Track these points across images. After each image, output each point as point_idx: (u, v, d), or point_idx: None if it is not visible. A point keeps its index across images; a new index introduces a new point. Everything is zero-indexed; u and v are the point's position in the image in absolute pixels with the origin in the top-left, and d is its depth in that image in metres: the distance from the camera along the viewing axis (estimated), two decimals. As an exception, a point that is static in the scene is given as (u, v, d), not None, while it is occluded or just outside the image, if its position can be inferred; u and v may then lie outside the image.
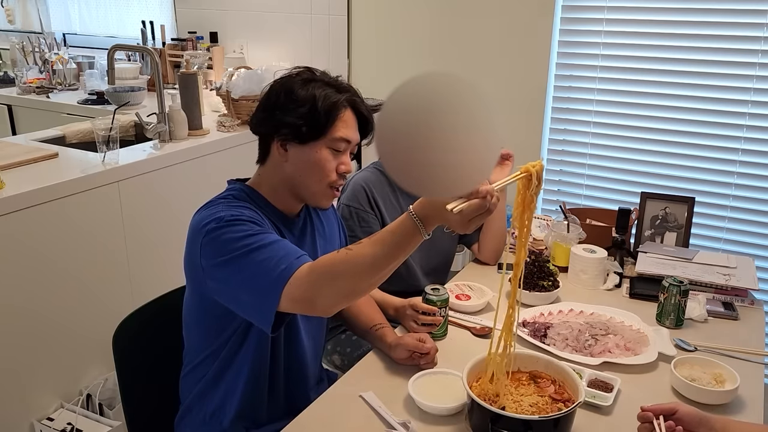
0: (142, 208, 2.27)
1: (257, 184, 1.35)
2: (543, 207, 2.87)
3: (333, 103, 1.28)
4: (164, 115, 2.47)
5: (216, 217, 1.20)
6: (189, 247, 1.25)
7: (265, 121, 1.30)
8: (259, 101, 1.33)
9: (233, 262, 1.16)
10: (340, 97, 1.29)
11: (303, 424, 1.27)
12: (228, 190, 1.34)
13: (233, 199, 1.29)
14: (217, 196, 1.31)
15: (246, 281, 1.15)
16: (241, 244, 1.16)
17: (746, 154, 2.45)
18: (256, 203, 1.31)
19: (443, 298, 1.54)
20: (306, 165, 1.29)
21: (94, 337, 2.11)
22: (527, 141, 2.78)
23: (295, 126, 1.26)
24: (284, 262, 1.13)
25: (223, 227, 1.18)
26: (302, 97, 1.26)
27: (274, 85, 1.31)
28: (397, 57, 3.01)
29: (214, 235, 1.18)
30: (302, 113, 1.26)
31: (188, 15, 3.60)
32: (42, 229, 1.94)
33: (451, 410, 1.27)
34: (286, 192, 1.34)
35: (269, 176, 1.33)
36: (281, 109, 1.27)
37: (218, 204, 1.26)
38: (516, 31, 2.70)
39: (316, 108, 1.26)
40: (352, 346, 1.78)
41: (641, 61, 2.54)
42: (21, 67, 3.58)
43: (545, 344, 1.51)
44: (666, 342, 1.52)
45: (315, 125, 1.27)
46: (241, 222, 1.19)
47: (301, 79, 1.30)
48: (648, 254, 1.91)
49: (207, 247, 1.19)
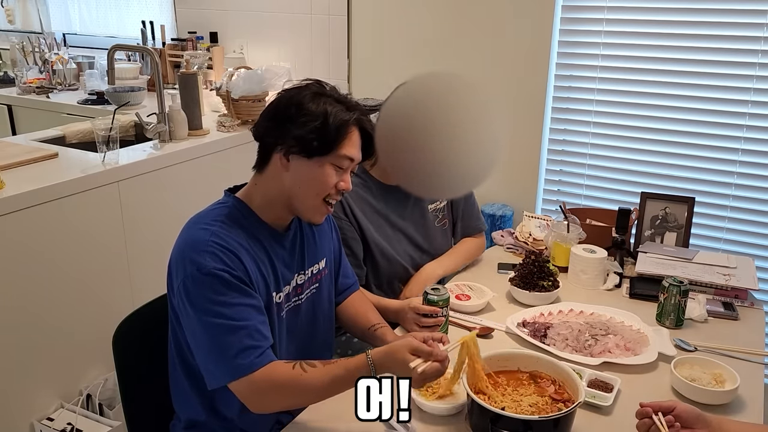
0: (142, 208, 2.27)
1: (249, 196, 1.33)
2: (543, 207, 2.87)
3: (344, 121, 1.27)
4: (164, 115, 2.47)
5: (198, 263, 1.18)
6: (173, 260, 1.25)
7: (272, 131, 1.28)
8: (267, 109, 1.31)
9: (200, 322, 1.18)
10: (350, 116, 1.28)
11: (303, 424, 1.27)
12: (222, 204, 1.32)
13: (225, 221, 1.27)
14: (213, 212, 1.30)
15: (205, 346, 1.19)
16: (214, 312, 1.17)
17: (746, 154, 2.45)
18: (248, 221, 1.30)
19: (444, 298, 1.54)
20: (307, 179, 1.28)
21: (94, 337, 2.11)
22: (527, 141, 2.78)
23: (304, 140, 1.24)
24: (245, 357, 1.16)
25: (202, 281, 1.18)
26: (313, 112, 1.25)
27: (284, 95, 1.30)
28: (397, 57, 3.01)
29: (192, 283, 1.18)
30: (313, 128, 1.24)
31: (188, 15, 3.60)
32: (42, 229, 1.94)
33: (451, 410, 1.27)
34: (279, 204, 1.32)
35: (264, 186, 1.31)
36: (291, 120, 1.25)
37: (210, 228, 1.24)
38: (516, 31, 2.70)
39: (327, 124, 1.25)
40: (354, 348, 1.78)
41: (641, 61, 2.54)
42: (21, 67, 3.58)
43: (545, 344, 1.51)
44: (666, 342, 1.52)
45: (324, 141, 1.25)
46: (221, 282, 1.18)
47: (312, 92, 1.28)
48: (648, 254, 1.91)
49: (183, 288, 1.20)
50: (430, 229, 1.89)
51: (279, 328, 1.34)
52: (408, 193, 1.74)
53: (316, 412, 1.28)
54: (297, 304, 1.40)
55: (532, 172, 2.81)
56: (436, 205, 1.90)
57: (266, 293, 1.28)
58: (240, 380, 1.16)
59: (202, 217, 1.29)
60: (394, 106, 1.45)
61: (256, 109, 2.78)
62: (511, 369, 1.31)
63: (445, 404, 1.27)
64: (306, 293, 1.42)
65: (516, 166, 2.80)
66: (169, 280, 1.27)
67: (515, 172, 2.81)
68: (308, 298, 1.43)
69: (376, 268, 1.78)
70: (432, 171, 1.37)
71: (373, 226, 1.76)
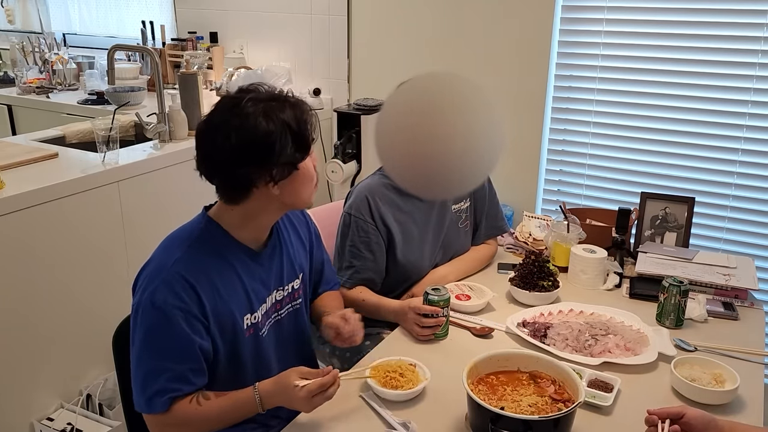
0: (142, 208, 2.27)
1: (221, 216, 1.30)
2: (543, 207, 2.87)
3: (302, 118, 1.24)
4: (164, 115, 2.47)
5: (153, 294, 1.20)
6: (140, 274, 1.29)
7: (252, 173, 1.22)
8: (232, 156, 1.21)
9: (137, 349, 1.22)
10: (296, 110, 1.24)
11: (302, 424, 1.27)
12: (197, 223, 1.31)
13: (195, 244, 1.26)
14: (185, 232, 1.30)
15: (134, 371, 1.23)
16: (150, 347, 1.21)
17: (746, 154, 2.45)
18: (219, 243, 1.29)
19: (445, 298, 1.54)
20: (300, 182, 1.28)
21: (94, 337, 2.11)
22: (527, 141, 2.78)
23: (290, 160, 1.23)
24: (160, 397, 1.20)
25: (150, 313, 1.20)
26: (280, 131, 1.20)
27: (243, 134, 1.19)
28: (397, 57, 3.01)
29: (142, 311, 1.21)
30: (291, 146, 1.22)
31: (188, 15, 3.60)
32: (42, 229, 1.94)
33: (408, 395, 1.31)
34: (260, 221, 1.31)
35: (244, 210, 1.27)
36: (268, 155, 1.20)
37: (175, 254, 1.24)
38: (516, 31, 2.70)
39: (296, 132, 1.23)
40: (351, 350, 1.77)
41: (641, 61, 2.54)
42: (21, 67, 3.58)
43: (545, 344, 1.51)
44: (666, 342, 1.52)
45: (302, 147, 1.25)
46: (166, 319, 1.19)
47: (257, 112, 1.20)
48: (648, 254, 1.91)
49: (135, 310, 1.24)
50: (453, 230, 1.88)
51: (256, 346, 1.35)
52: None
53: (316, 412, 1.28)
54: (277, 319, 1.41)
55: (532, 172, 2.81)
56: (459, 206, 1.89)
57: (231, 320, 1.28)
58: (150, 416, 1.23)
59: (175, 238, 1.30)
60: (393, 106, 1.45)
61: (256, 109, 2.78)
62: (511, 369, 1.31)
63: (403, 392, 1.31)
64: (286, 308, 1.43)
65: (516, 166, 2.80)
66: (132, 294, 1.28)
67: (515, 172, 2.81)
68: (289, 313, 1.43)
69: (398, 269, 1.78)
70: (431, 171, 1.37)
71: (400, 228, 1.75)
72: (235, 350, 1.30)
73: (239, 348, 1.31)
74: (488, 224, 1.97)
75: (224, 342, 1.28)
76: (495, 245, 2.02)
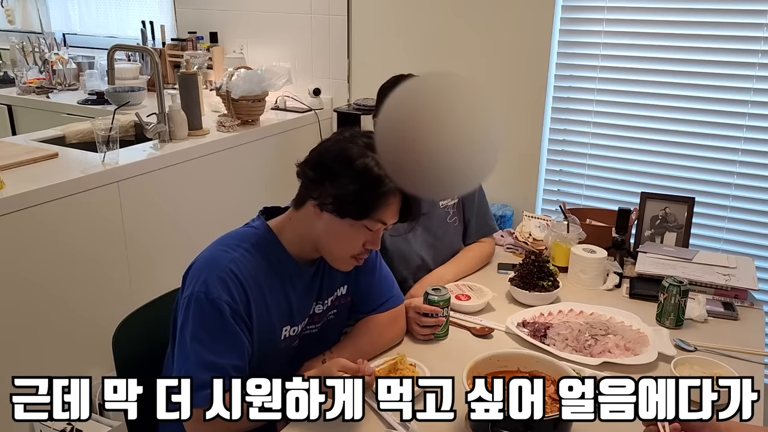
0: (142, 208, 2.27)
1: (281, 229, 1.33)
2: (543, 207, 2.87)
3: (386, 190, 1.22)
4: (164, 115, 2.47)
5: (208, 287, 1.21)
6: (192, 270, 1.27)
7: (312, 180, 1.26)
8: (314, 155, 1.27)
9: (187, 340, 1.22)
10: (392, 187, 1.22)
11: (303, 424, 1.26)
12: (254, 229, 1.33)
13: (250, 249, 1.28)
14: (243, 234, 1.31)
15: (180, 363, 1.23)
16: (201, 339, 1.21)
17: (746, 154, 2.45)
18: (273, 254, 1.31)
19: (445, 299, 1.54)
20: (337, 234, 1.28)
21: (94, 337, 2.11)
22: (527, 141, 2.78)
23: (340, 200, 1.22)
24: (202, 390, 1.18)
25: (204, 306, 1.21)
26: (357, 173, 1.21)
27: (334, 146, 1.25)
28: (397, 57, 3.01)
29: (195, 303, 1.21)
30: (351, 191, 1.21)
31: (188, 15, 3.60)
32: (42, 229, 1.94)
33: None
34: (309, 244, 1.33)
35: (297, 225, 1.32)
36: (332, 177, 1.22)
37: (232, 252, 1.26)
38: (516, 30, 2.70)
39: (368, 190, 1.21)
40: None
41: (641, 61, 2.54)
42: (21, 67, 3.58)
43: (545, 344, 1.51)
44: (666, 342, 1.52)
45: (361, 207, 1.23)
46: (219, 313, 1.21)
47: (360, 146, 1.22)
48: (648, 254, 1.91)
49: (187, 302, 1.23)
50: (443, 224, 1.89)
51: (284, 356, 1.36)
52: None
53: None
54: (313, 331, 1.42)
55: (532, 172, 2.81)
56: (447, 201, 1.90)
57: (269, 328, 1.30)
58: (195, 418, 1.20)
59: (232, 237, 1.31)
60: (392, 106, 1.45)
61: (256, 109, 2.78)
62: (511, 369, 1.31)
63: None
64: (322, 320, 1.44)
65: (516, 166, 2.80)
66: (182, 285, 1.29)
67: (515, 172, 2.81)
68: (322, 324, 1.44)
69: (386, 258, 1.78)
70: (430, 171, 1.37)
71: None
72: (264, 357, 1.31)
73: (268, 356, 1.32)
74: (478, 223, 1.97)
75: (258, 347, 1.29)
76: (491, 243, 2.02)
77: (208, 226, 2.53)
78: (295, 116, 3.04)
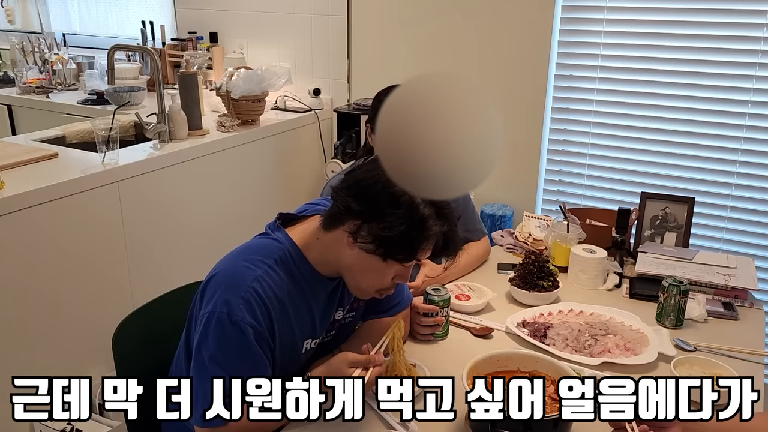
0: (142, 209, 2.27)
1: (308, 246, 1.27)
2: (543, 207, 2.87)
3: (428, 235, 1.17)
4: (164, 115, 2.47)
5: (231, 308, 1.17)
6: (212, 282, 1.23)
7: (350, 205, 1.19)
8: (355, 175, 1.20)
9: (205, 360, 1.18)
10: (437, 230, 1.18)
11: (303, 424, 1.26)
12: (277, 243, 1.27)
13: (274, 265, 1.24)
14: (266, 248, 1.26)
15: (196, 381, 1.18)
16: (219, 361, 1.17)
17: (746, 154, 2.45)
18: (299, 271, 1.26)
19: (445, 299, 1.54)
20: (368, 268, 1.23)
21: (94, 337, 2.11)
22: (527, 141, 2.78)
23: (377, 239, 1.17)
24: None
25: (226, 328, 1.17)
26: (402, 213, 1.14)
27: (380, 173, 1.13)
28: (397, 57, 3.01)
29: (217, 323, 1.18)
30: (393, 233, 1.15)
31: (188, 15, 3.60)
32: (42, 229, 1.94)
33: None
34: (334, 267, 1.28)
35: (325, 246, 1.26)
36: (373, 210, 1.16)
37: (256, 269, 1.21)
38: (516, 31, 2.70)
39: (410, 234, 1.15)
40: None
41: (641, 61, 2.54)
42: (21, 67, 3.58)
43: (545, 344, 1.51)
44: (666, 342, 1.52)
45: (399, 248, 1.18)
46: (242, 337, 1.17)
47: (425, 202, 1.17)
48: (648, 254, 1.91)
49: (207, 320, 1.19)
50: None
51: (303, 363, 1.35)
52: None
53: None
54: (331, 337, 1.42)
55: (532, 172, 2.81)
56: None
57: (292, 346, 1.29)
58: (202, 429, 1.19)
59: (254, 250, 1.26)
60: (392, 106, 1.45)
61: (256, 109, 2.78)
62: (511, 369, 1.31)
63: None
64: (340, 324, 1.43)
65: (516, 166, 2.80)
66: (200, 296, 1.25)
67: (515, 172, 2.81)
68: (339, 327, 1.43)
69: None
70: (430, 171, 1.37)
71: None
72: (285, 367, 1.30)
73: (289, 365, 1.31)
74: (466, 230, 1.92)
75: (280, 364, 1.28)
76: (486, 242, 2.01)
77: (208, 226, 2.54)
78: (295, 116, 3.04)
